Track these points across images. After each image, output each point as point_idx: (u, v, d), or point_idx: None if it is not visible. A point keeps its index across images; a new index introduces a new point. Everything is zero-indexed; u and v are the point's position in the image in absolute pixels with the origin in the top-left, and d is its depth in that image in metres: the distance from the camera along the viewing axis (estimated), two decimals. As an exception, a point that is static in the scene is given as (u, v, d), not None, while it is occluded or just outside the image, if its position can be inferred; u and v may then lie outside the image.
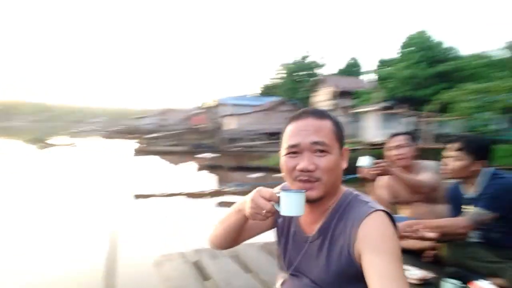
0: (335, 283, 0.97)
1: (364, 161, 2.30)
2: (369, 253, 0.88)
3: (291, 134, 0.99)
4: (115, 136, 47.69)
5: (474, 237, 2.25)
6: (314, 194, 0.96)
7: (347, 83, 29.98)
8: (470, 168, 2.05)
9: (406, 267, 2.15)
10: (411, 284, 2.00)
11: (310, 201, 0.97)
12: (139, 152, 15.46)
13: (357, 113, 21.73)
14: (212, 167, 17.51)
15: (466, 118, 15.58)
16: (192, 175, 16.32)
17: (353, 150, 16.00)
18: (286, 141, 1.00)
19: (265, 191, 0.96)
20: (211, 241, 1.21)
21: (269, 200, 0.93)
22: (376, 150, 16.29)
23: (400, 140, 2.51)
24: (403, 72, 20.06)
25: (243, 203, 1.04)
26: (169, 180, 13.09)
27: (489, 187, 2.00)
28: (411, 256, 2.37)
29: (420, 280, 2.01)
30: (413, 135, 2.64)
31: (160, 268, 2.18)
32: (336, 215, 1.00)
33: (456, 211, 2.17)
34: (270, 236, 3.32)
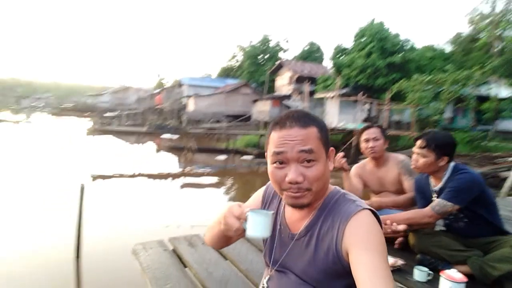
0: (322, 279, 1.00)
1: None
2: (357, 250, 0.90)
3: (276, 143, 0.97)
4: (67, 113, 44.94)
5: (440, 226, 2.45)
6: (304, 201, 0.97)
7: (309, 68, 30.35)
8: (436, 164, 2.17)
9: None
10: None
11: (299, 207, 1.00)
12: (93, 131, 14.69)
13: (318, 98, 22.21)
14: (174, 149, 17.19)
15: (419, 107, 16.56)
16: (154, 156, 15.92)
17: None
18: (272, 149, 0.98)
19: (236, 209, 0.96)
20: (206, 241, 1.23)
21: (238, 218, 0.95)
22: (335, 136, 16.92)
23: (373, 132, 2.60)
24: (357, 61, 20.60)
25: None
26: (128, 162, 12.69)
27: (452, 181, 2.14)
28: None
29: (390, 267, 2.15)
30: (383, 128, 2.73)
31: (138, 256, 2.14)
32: (323, 213, 1.02)
33: (424, 202, 2.31)
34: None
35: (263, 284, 1.15)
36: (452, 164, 2.22)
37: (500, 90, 14.86)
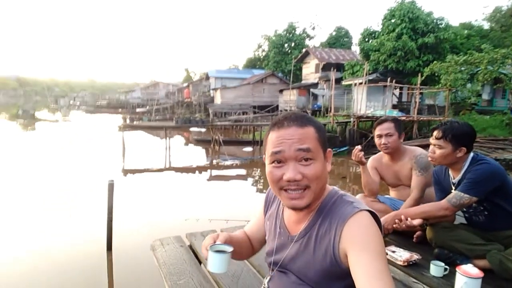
0: (321, 280, 1.01)
1: None
2: (355, 252, 0.90)
3: (274, 142, 0.98)
4: (101, 110, 46.81)
5: (460, 219, 2.37)
6: (302, 203, 0.98)
7: (336, 55, 29.66)
8: (453, 155, 2.10)
9: (394, 248, 2.27)
10: (397, 265, 2.12)
11: (298, 209, 1.01)
12: (125, 127, 15.24)
13: (346, 85, 21.69)
14: (201, 142, 17.50)
15: (453, 90, 15.77)
16: (182, 150, 16.32)
17: (343, 123, 16.11)
18: (270, 149, 0.99)
19: (207, 242, 1.06)
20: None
21: (207, 250, 1.05)
22: (363, 124, 16.51)
23: (386, 128, 2.52)
24: (386, 44, 19.72)
25: None
26: (158, 156, 13.11)
27: (471, 172, 2.07)
28: (404, 237, 2.47)
29: (406, 261, 2.12)
30: (399, 122, 2.61)
31: (156, 252, 2.24)
32: (321, 215, 1.02)
33: (441, 194, 2.25)
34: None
35: (264, 285, 1.19)
36: (471, 155, 2.14)
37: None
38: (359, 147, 2.39)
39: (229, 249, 1.04)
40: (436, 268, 2.05)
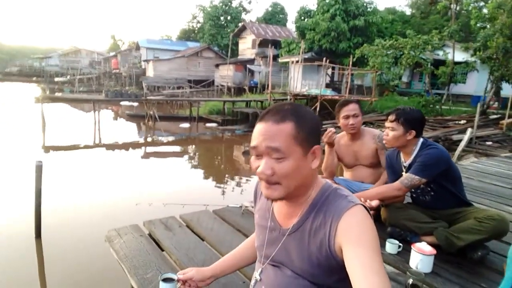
0: (316, 273, 1.01)
1: None
2: (351, 245, 0.91)
3: (253, 136, 1.00)
4: (11, 79, 41.31)
5: (407, 199, 2.58)
6: (275, 194, 0.98)
7: (273, 31, 29.77)
8: (404, 137, 2.26)
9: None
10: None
11: (274, 200, 1.01)
12: (44, 99, 13.65)
13: (282, 62, 22.00)
14: (134, 117, 16.52)
15: (379, 72, 16.96)
16: (111, 125, 15.23)
17: (280, 100, 16.45)
18: (251, 141, 1.00)
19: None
20: None
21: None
22: (299, 101, 17.05)
23: (352, 109, 2.59)
24: (321, 24, 20.30)
25: None
26: (85, 131, 12.07)
27: (421, 156, 2.25)
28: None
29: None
30: (360, 103, 2.74)
31: (113, 244, 2.04)
32: (315, 209, 1.01)
33: (394, 176, 2.41)
34: (221, 202, 3.33)
35: (255, 278, 1.15)
36: (421, 140, 2.32)
37: (455, 54, 15.46)
38: (333, 129, 2.43)
39: (175, 277, 1.27)
40: (391, 246, 2.21)
